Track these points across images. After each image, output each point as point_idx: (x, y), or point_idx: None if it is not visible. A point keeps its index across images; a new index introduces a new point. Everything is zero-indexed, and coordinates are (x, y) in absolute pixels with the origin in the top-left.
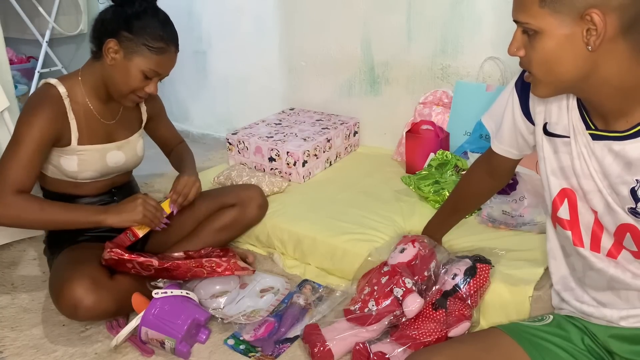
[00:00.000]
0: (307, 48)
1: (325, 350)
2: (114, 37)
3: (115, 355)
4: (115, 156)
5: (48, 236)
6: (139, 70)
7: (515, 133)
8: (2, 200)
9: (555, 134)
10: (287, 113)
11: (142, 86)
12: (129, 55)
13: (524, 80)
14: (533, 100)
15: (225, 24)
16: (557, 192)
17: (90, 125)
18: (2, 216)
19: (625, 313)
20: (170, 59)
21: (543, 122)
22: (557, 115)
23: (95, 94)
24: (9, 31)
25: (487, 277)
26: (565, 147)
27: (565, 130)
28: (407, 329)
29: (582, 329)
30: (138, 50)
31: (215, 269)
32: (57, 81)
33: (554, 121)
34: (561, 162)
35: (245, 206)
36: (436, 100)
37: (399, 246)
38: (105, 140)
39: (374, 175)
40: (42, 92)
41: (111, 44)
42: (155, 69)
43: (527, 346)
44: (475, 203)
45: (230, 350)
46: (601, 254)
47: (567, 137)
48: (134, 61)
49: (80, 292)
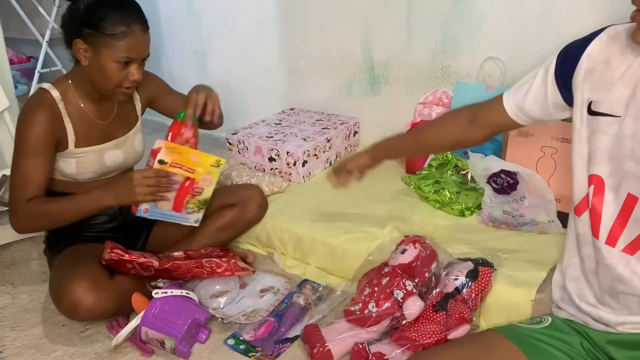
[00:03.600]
0: (307, 48)
1: (325, 350)
2: (79, 37)
3: (115, 355)
4: (114, 155)
5: (48, 236)
6: (112, 62)
7: (541, 97)
8: (16, 214)
9: (601, 113)
10: (287, 113)
11: (123, 76)
12: (97, 51)
13: (572, 50)
14: (578, 72)
15: (225, 24)
16: (585, 178)
17: (86, 127)
18: (18, 228)
19: (623, 319)
20: (138, 39)
21: (587, 100)
22: (608, 93)
23: (86, 95)
24: (9, 31)
25: (489, 280)
26: (609, 127)
27: (614, 109)
28: (407, 330)
29: (581, 333)
30: (103, 42)
31: (215, 270)
32: (50, 85)
33: (600, 99)
34: (596, 145)
35: (245, 206)
36: (436, 100)
37: (399, 247)
38: (102, 140)
39: (374, 175)
40: (36, 98)
41: (78, 45)
42: (127, 55)
43: (526, 349)
44: (436, 141)
45: (230, 350)
46: (616, 249)
47: (617, 116)
48: (103, 54)
49: (80, 292)
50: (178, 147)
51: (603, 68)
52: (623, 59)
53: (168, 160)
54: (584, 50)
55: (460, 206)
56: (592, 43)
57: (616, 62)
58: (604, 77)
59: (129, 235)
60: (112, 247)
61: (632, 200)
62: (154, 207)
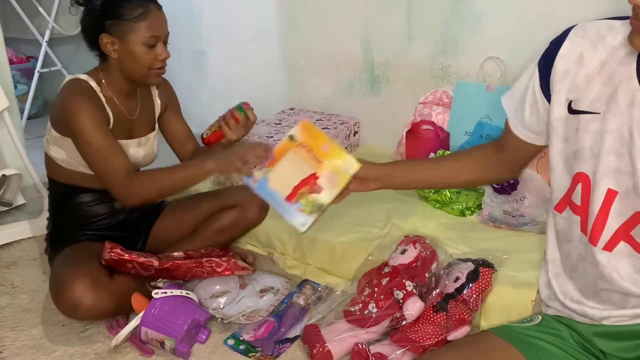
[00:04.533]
0: (307, 48)
1: (325, 351)
2: (103, 32)
3: (115, 355)
4: (136, 152)
5: (49, 235)
6: (140, 45)
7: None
8: (121, 186)
9: (581, 111)
10: (287, 113)
11: (153, 58)
12: (123, 38)
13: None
14: (554, 76)
15: (225, 23)
16: (573, 175)
17: (119, 120)
18: (128, 198)
19: (607, 313)
20: (157, 17)
21: (566, 101)
22: (585, 91)
23: (116, 90)
24: (9, 31)
25: (489, 281)
26: (590, 124)
27: (594, 107)
28: (407, 331)
29: (569, 327)
30: (127, 28)
31: (215, 269)
32: (87, 76)
33: (579, 97)
34: (579, 143)
35: (245, 208)
36: (436, 100)
37: (399, 247)
38: (128, 136)
39: None
40: (76, 86)
41: (105, 39)
42: (152, 34)
43: (522, 347)
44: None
45: (230, 350)
46: (597, 247)
47: (597, 113)
48: (131, 40)
49: (80, 291)
50: (314, 130)
51: (577, 66)
52: (595, 55)
53: (299, 139)
54: (557, 53)
55: (461, 206)
56: (563, 45)
57: (589, 59)
58: (579, 75)
59: (128, 235)
60: (111, 247)
61: (611, 195)
62: (265, 182)
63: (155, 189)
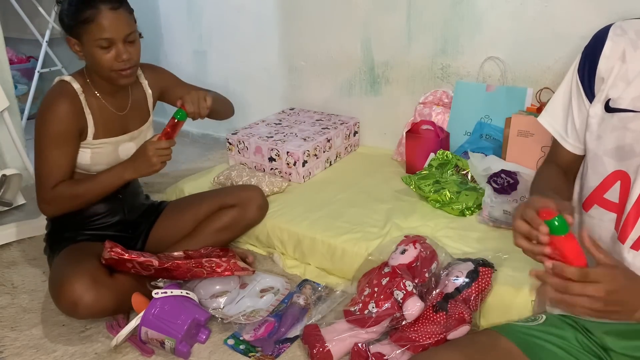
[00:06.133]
0: (307, 48)
1: (325, 351)
2: (68, 34)
3: (115, 355)
4: (127, 148)
5: (49, 235)
6: (95, 47)
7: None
8: (43, 201)
9: (621, 109)
10: (287, 113)
11: (112, 59)
12: (82, 41)
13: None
14: (598, 76)
15: (225, 23)
16: (610, 174)
17: (105, 119)
18: (47, 213)
19: None
20: (108, 18)
21: (605, 99)
22: (628, 89)
23: (101, 88)
24: (9, 31)
25: (489, 280)
26: (630, 122)
27: (635, 104)
28: (407, 330)
29: (575, 327)
30: (81, 30)
31: (215, 269)
32: (71, 78)
33: (621, 95)
34: (618, 141)
35: (245, 207)
36: (436, 100)
37: (399, 247)
38: (119, 132)
39: (374, 175)
40: (58, 90)
41: (71, 42)
42: (102, 36)
43: (524, 346)
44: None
45: (230, 350)
46: (625, 245)
47: (637, 111)
48: (86, 42)
49: (80, 290)
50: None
51: (620, 64)
52: (636, 53)
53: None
54: (600, 53)
55: (461, 206)
56: (605, 45)
57: (630, 56)
58: (622, 73)
59: (128, 235)
60: (111, 246)
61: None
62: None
63: (73, 205)
